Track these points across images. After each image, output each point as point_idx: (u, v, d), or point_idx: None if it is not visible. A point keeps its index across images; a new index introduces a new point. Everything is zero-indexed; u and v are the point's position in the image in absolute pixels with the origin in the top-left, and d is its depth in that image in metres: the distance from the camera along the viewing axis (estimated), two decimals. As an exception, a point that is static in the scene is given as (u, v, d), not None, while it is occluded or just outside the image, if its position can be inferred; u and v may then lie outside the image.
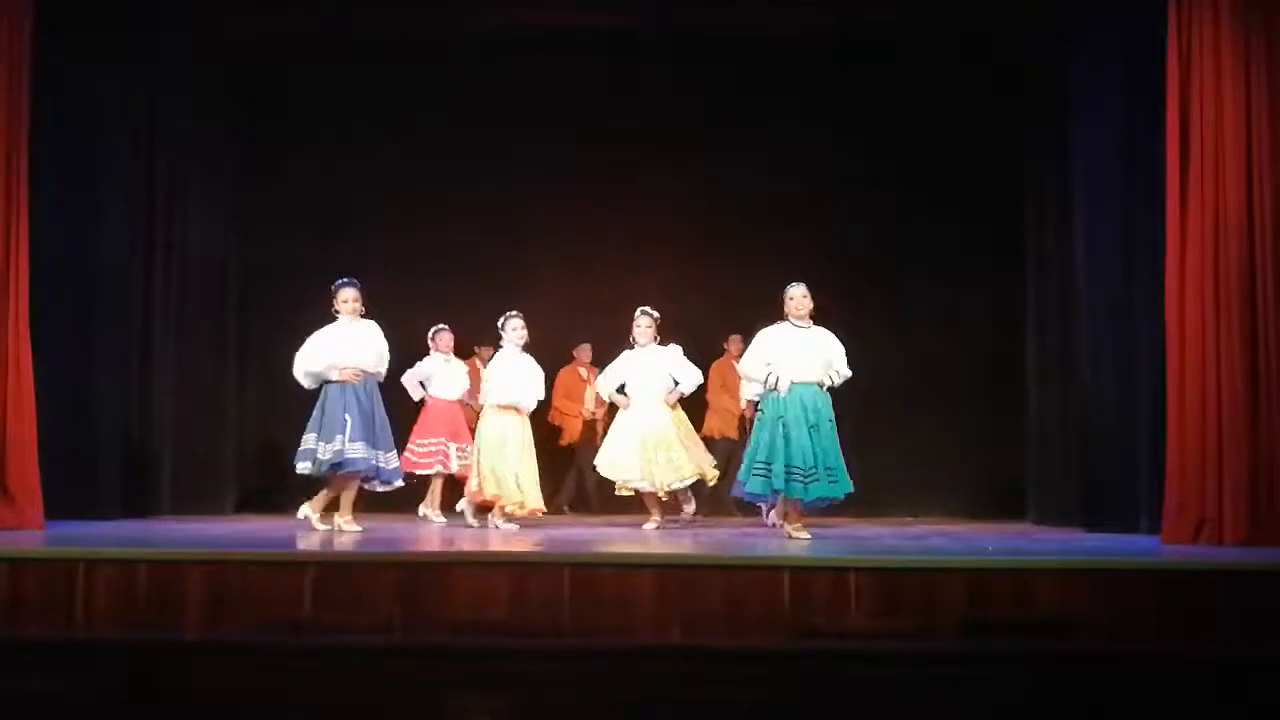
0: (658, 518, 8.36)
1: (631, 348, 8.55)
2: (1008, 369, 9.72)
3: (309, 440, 7.69)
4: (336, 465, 7.64)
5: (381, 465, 7.75)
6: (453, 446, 9.20)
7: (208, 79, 9.92)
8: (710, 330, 10.03)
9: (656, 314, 8.51)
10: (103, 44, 8.95)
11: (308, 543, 7.01)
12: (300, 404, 9.12)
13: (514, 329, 8.36)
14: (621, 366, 8.56)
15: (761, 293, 8.09)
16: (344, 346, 7.80)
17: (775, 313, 7.66)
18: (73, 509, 8.22)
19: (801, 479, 7.31)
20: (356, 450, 7.62)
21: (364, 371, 7.78)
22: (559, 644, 4.37)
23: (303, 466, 7.73)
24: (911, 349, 8.68)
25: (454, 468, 9.15)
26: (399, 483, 8.07)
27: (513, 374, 8.33)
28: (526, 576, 5.86)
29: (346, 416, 7.62)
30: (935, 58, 10.02)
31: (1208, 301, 7.20)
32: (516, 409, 8.28)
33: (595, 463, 8.68)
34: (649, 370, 8.48)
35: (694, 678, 3.79)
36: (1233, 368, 7.12)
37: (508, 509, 8.19)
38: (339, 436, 7.60)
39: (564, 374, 10.56)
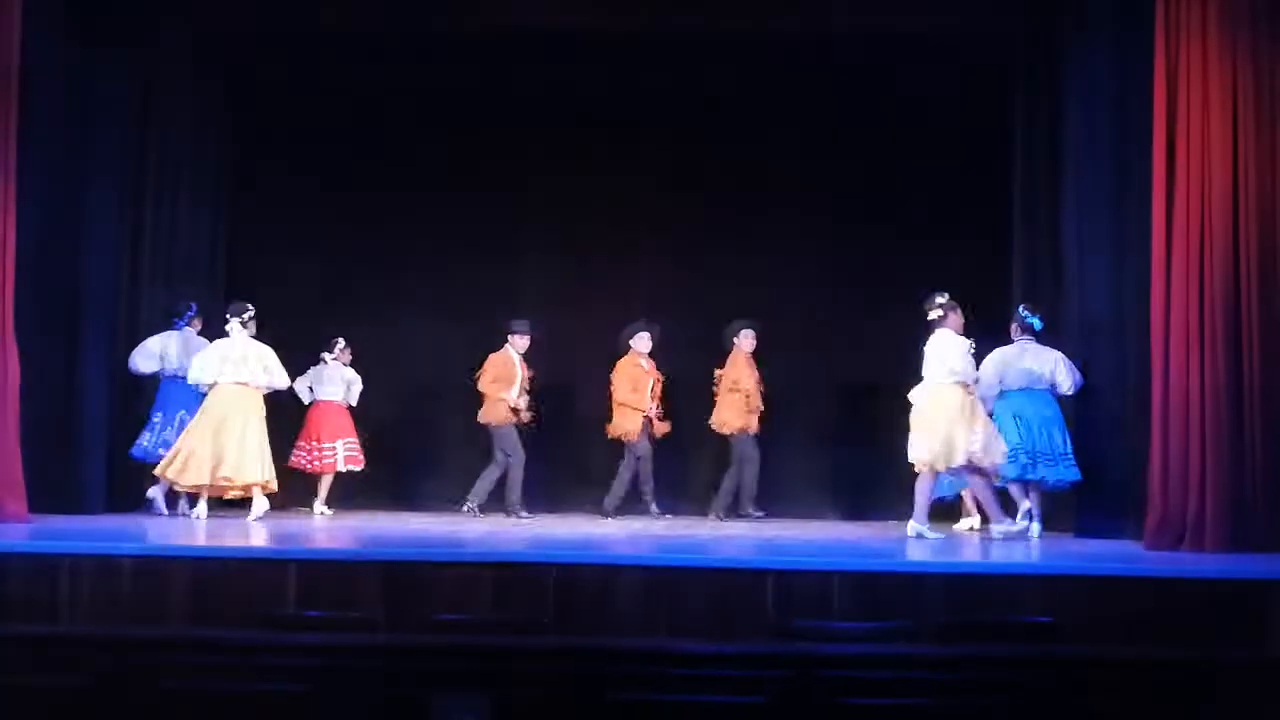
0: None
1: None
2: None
3: None
4: None
5: None
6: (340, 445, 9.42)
7: (202, 79, 9.88)
8: (712, 331, 9.97)
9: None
10: (97, 40, 8.91)
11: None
12: (285, 402, 9.17)
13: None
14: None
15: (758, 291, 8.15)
16: None
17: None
18: (57, 504, 8.18)
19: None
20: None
21: None
22: (542, 644, 4.38)
23: None
24: (898, 352, 8.66)
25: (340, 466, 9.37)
26: None
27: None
28: (511, 576, 5.86)
29: None
30: (930, 59, 10.03)
31: (1192, 311, 7.22)
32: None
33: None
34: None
35: (677, 679, 3.81)
36: (1216, 377, 7.13)
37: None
38: None
39: (625, 365, 9.71)
